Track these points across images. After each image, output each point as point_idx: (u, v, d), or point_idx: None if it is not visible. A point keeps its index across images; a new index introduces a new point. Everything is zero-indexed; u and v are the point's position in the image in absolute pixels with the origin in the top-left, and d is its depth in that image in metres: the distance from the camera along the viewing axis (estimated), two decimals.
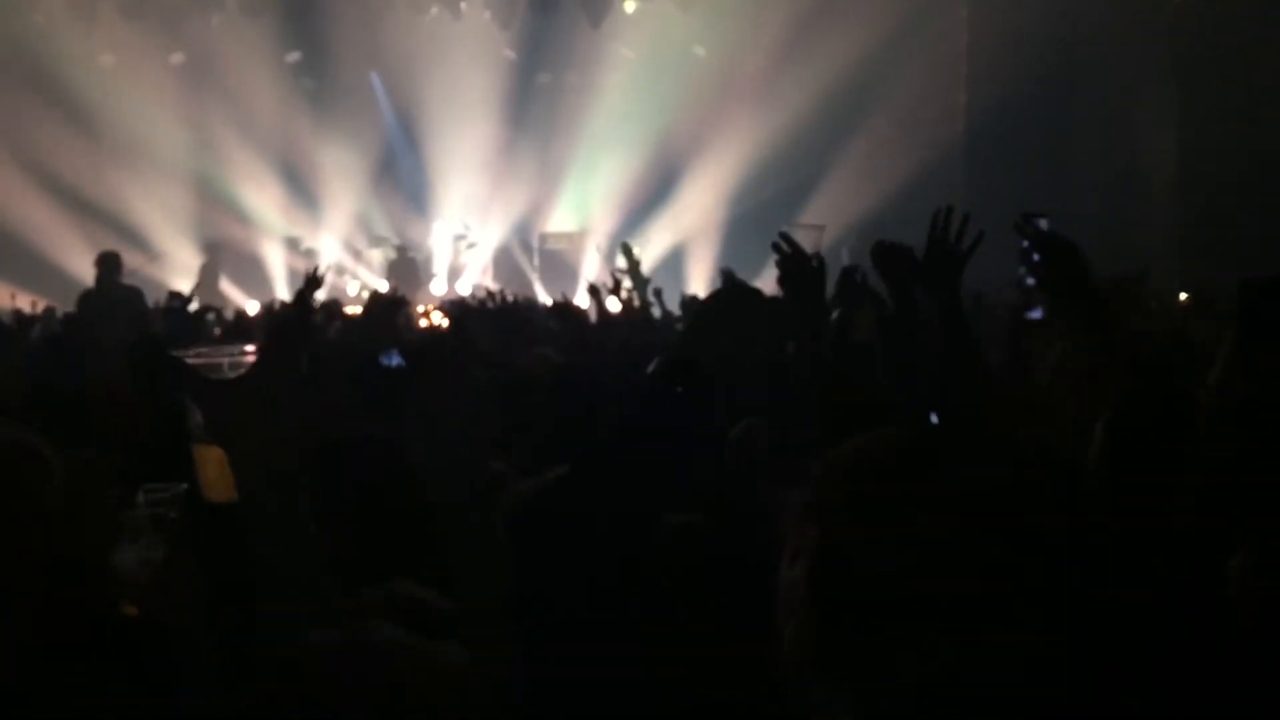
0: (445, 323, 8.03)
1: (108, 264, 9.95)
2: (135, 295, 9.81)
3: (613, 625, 1.69)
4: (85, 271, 15.41)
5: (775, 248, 3.12)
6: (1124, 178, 13.68)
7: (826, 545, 1.42)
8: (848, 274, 4.32)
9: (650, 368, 1.97)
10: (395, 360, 4.82)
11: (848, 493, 1.45)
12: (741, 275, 14.44)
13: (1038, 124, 14.23)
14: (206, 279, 10.00)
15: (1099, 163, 13.76)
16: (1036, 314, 4.74)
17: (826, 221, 13.86)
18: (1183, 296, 7.70)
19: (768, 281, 13.73)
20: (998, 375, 2.81)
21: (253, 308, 13.13)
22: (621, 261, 9.02)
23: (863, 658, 1.39)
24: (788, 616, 1.46)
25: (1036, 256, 2.99)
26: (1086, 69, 14.29)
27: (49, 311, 9.28)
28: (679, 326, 8.63)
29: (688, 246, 17.20)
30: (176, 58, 17.02)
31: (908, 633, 1.37)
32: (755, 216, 16.54)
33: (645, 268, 12.66)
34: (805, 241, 3.30)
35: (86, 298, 9.52)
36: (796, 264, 3.02)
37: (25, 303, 10.36)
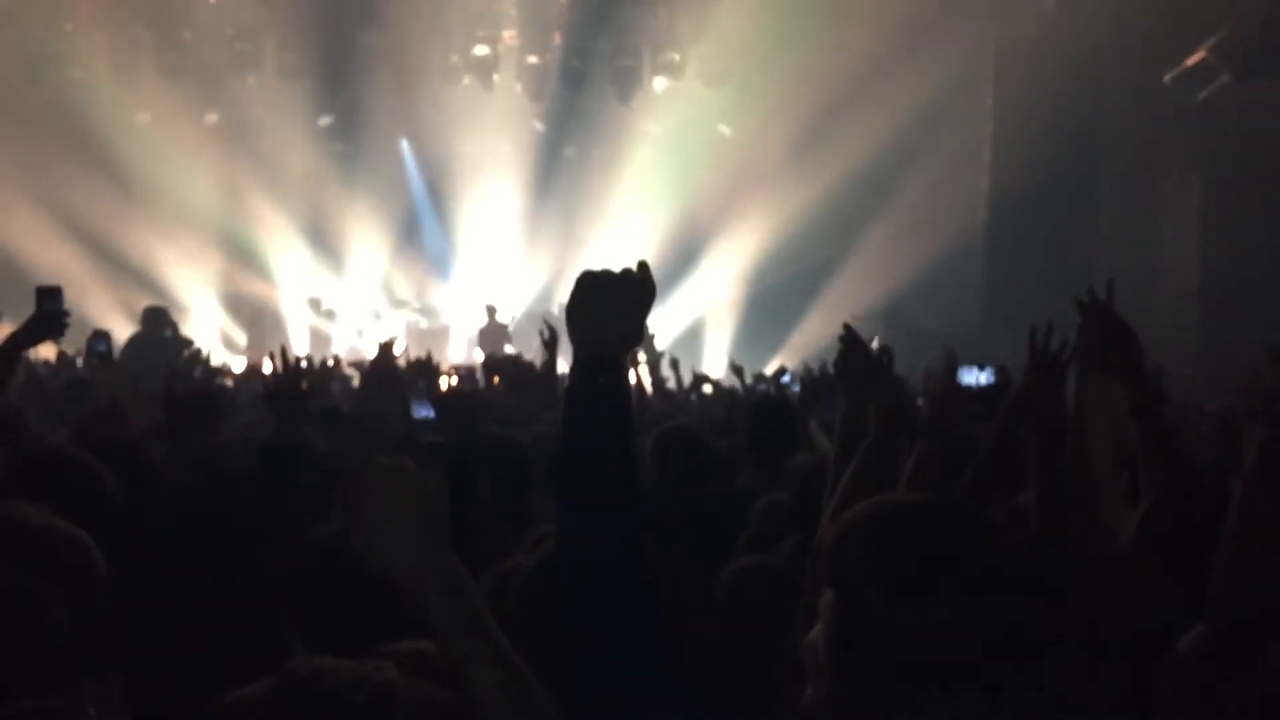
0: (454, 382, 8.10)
1: (152, 318, 9.99)
2: (180, 345, 9.90)
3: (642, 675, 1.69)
4: (109, 323, 15.63)
5: (841, 340, 3.23)
6: (1146, 268, 13.69)
7: (846, 607, 1.43)
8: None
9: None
10: (426, 412, 4.99)
11: (868, 555, 1.44)
12: (756, 354, 14.52)
13: (1060, 213, 14.27)
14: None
15: (1121, 252, 13.76)
16: None
17: (854, 306, 13.89)
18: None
19: (779, 360, 13.72)
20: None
21: (269, 365, 13.17)
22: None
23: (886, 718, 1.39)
24: (811, 678, 1.47)
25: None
26: (1109, 158, 14.37)
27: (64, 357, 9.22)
28: (693, 398, 8.67)
29: (706, 322, 17.24)
30: (211, 117, 17.30)
31: (930, 694, 1.36)
32: (774, 295, 16.62)
33: (663, 342, 12.73)
34: (866, 333, 3.35)
35: (126, 350, 9.58)
36: (859, 355, 3.05)
37: (50, 353, 10.40)
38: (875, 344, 3.14)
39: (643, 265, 1.94)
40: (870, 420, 2.91)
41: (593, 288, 1.90)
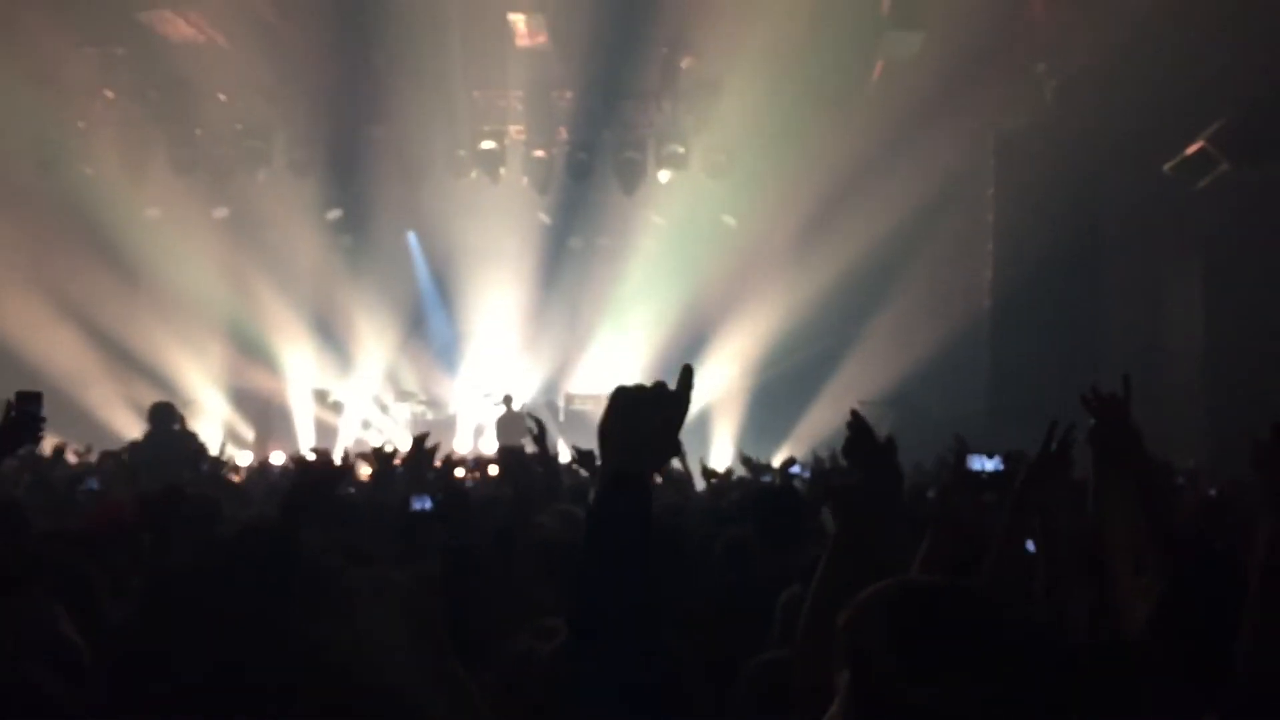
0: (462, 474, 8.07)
1: (160, 414, 10.02)
2: (188, 440, 9.91)
3: None
4: (113, 417, 15.65)
5: (849, 425, 3.20)
6: (1150, 354, 13.68)
7: (862, 685, 1.46)
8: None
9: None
10: (425, 504, 4.94)
11: (883, 634, 1.48)
12: (763, 443, 14.47)
13: (1064, 299, 14.32)
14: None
15: (1125, 339, 13.78)
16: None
17: (859, 394, 13.90)
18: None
19: (788, 450, 13.65)
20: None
21: (278, 457, 13.16)
22: None
23: None
24: None
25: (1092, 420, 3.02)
26: (1112, 245, 14.45)
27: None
28: (701, 488, 8.63)
29: (712, 411, 17.22)
30: (220, 212, 17.51)
31: None
32: (780, 384, 16.61)
33: None
34: (873, 418, 3.35)
35: (136, 447, 9.60)
36: (865, 439, 3.07)
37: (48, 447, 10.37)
38: (885, 433, 3.12)
39: (687, 371, 1.92)
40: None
41: (628, 406, 1.86)
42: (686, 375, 1.91)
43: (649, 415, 1.85)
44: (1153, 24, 11.25)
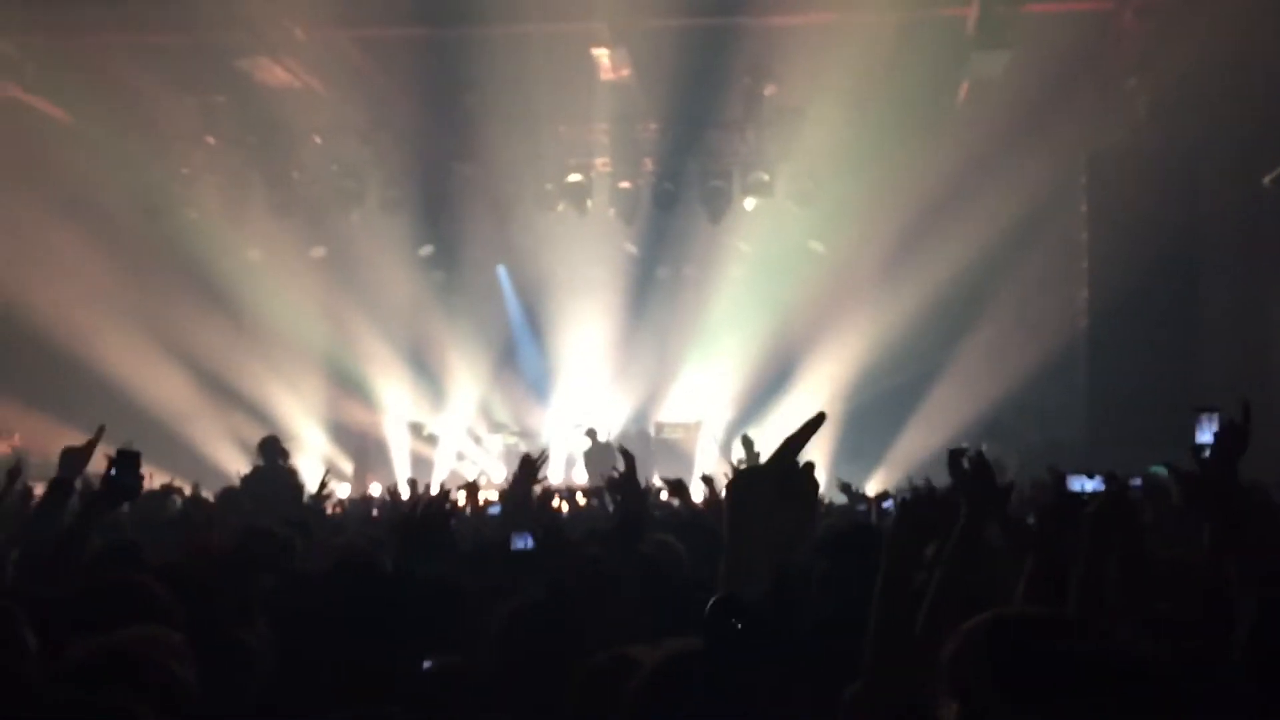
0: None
1: (268, 448, 10.40)
2: (292, 475, 10.24)
3: None
4: (217, 452, 16.11)
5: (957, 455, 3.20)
6: (1255, 374, 13.26)
7: (973, 716, 1.50)
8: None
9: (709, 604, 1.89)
10: (527, 542, 4.95)
11: (988, 665, 1.52)
12: (855, 469, 14.30)
13: (1161, 319, 13.95)
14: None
15: (1226, 359, 13.38)
16: None
17: (952, 420, 13.74)
18: None
19: (881, 475, 13.49)
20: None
21: (376, 489, 13.41)
22: (742, 453, 9.03)
23: None
24: None
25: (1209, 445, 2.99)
26: (1209, 263, 14.04)
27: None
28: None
29: None
30: (318, 251, 17.97)
31: None
32: (872, 410, 16.44)
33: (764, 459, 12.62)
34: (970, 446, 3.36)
35: (247, 480, 9.95)
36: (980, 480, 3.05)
37: (157, 482, 10.73)
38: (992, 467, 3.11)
39: (819, 418, 1.70)
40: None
41: (749, 497, 1.64)
42: (748, 445, 1.84)
43: (774, 507, 1.61)
44: (1247, 33, 10.99)
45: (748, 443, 8.76)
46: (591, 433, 16.60)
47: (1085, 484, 4.87)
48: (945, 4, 12.74)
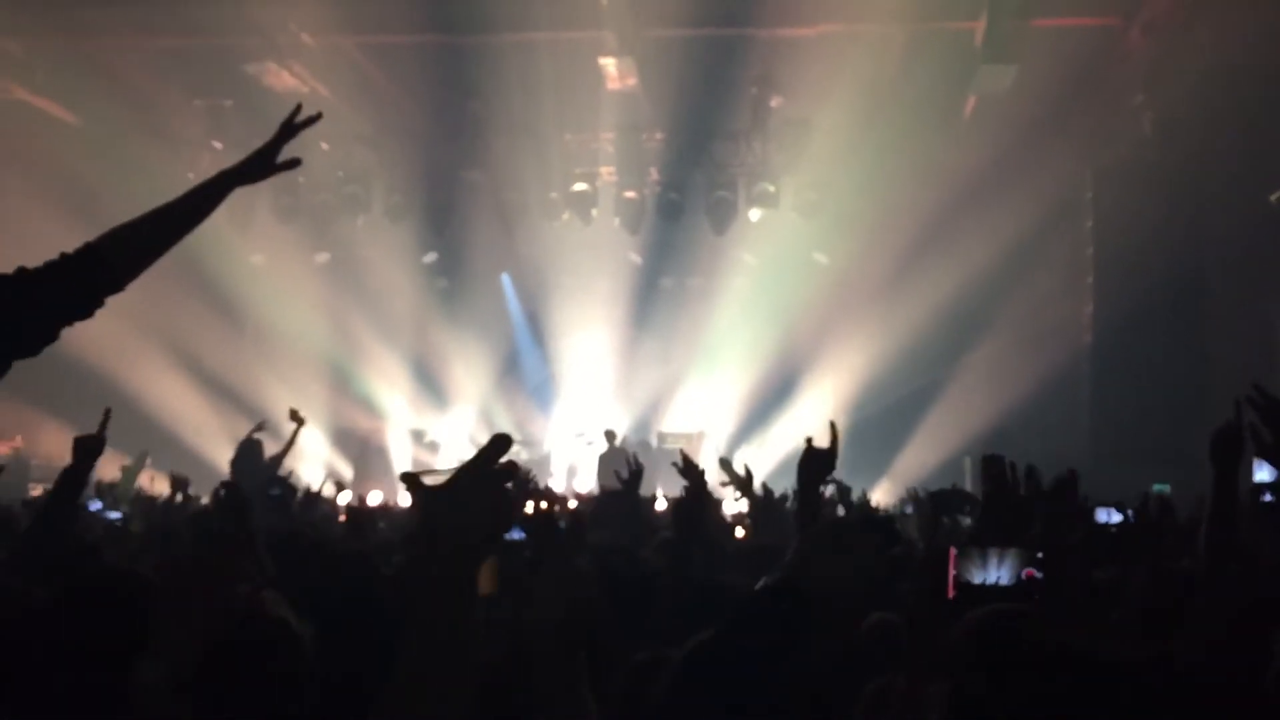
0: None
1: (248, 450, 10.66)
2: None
3: None
4: (219, 455, 16.09)
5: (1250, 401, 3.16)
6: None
7: (959, 693, 1.65)
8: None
9: (759, 584, 2.00)
10: (518, 533, 4.99)
11: (976, 650, 1.68)
12: (858, 482, 14.29)
13: (1167, 333, 13.94)
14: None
15: (1231, 374, 13.34)
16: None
17: (956, 433, 13.72)
18: None
19: (885, 488, 13.44)
20: None
21: (376, 496, 13.38)
22: (724, 475, 8.97)
23: None
24: None
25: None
26: (1214, 278, 14.04)
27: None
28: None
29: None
30: (322, 257, 17.97)
31: None
32: (876, 423, 16.41)
33: (764, 471, 12.59)
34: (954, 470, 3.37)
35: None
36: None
37: (163, 485, 10.74)
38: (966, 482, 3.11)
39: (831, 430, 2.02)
40: None
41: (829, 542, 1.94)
42: (725, 466, 1.99)
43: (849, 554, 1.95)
44: (1253, 50, 10.99)
45: (725, 464, 8.69)
46: (609, 434, 16.53)
47: (1111, 515, 4.90)
48: (953, 17, 12.74)
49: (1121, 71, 13.44)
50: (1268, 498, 4.46)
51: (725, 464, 8.67)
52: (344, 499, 14.16)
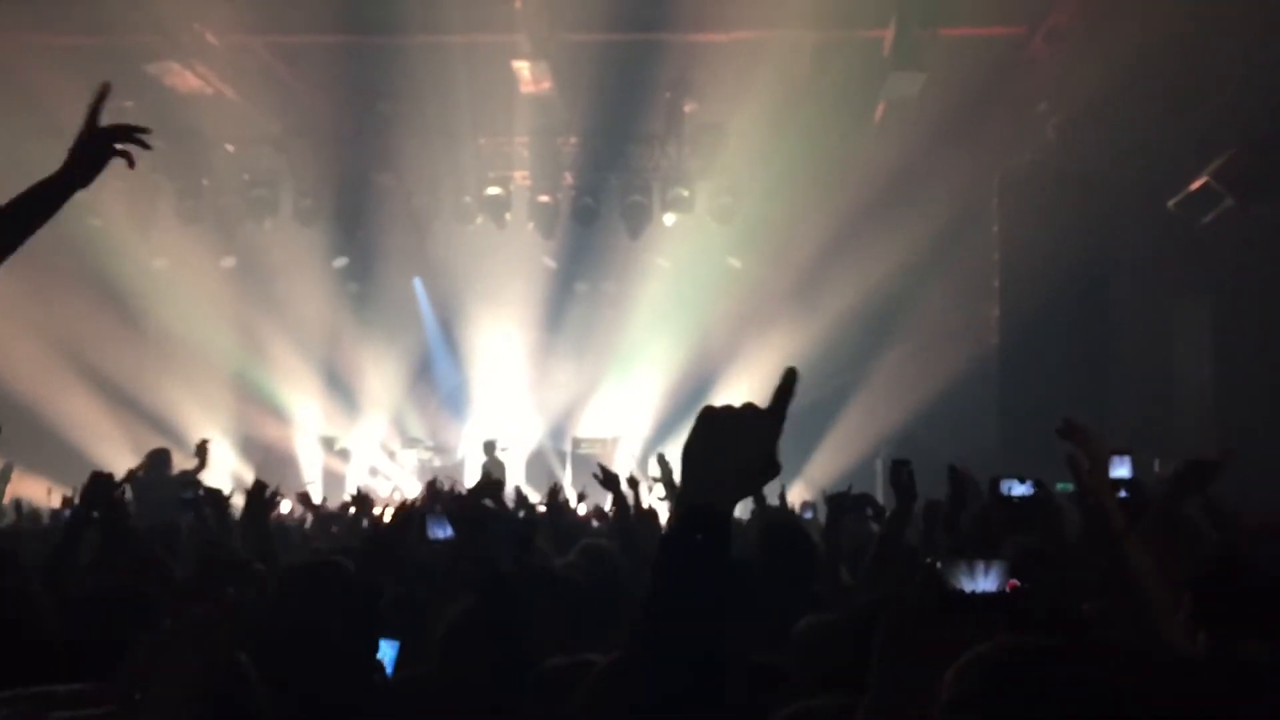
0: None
1: (157, 459, 10.32)
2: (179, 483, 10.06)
3: None
4: (119, 465, 15.60)
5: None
6: (1161, 390, 13.62)
7: None
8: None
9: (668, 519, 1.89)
10: (445, 530, 4.98)
11: (979, 692, 1.56)
12: (770, 485, 14.44)
13: (1072, 337, 14.28)
14: None
15: (1135, 375, 13.74)
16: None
17: (867, 435, 13.90)
18: None
19: (797, 490, 13.53)
20: None
21: (285, 505, 13.08)
22: (658, 470, 8.99)
23: None
24: None
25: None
26: (1118, 282, 14.43)
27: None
28: None
29: None
30: (228, 262, 17.58)
31: None
32: (787, 426, 16.51)
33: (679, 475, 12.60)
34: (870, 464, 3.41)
35: (135, 483, 9.74)
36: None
37: (58, 498, 10.41)
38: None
39: (790, 374, 1.77)
40: None
41: (714, 430, 1.74)
42: (788, 380, 1.77)
43: (737, 442, 1.72)
44: (1154, 60, 11.29)
45: (663, 461, 8.71)
46: (489, 445, 16.41)
47: (1016, 488, 5.05)
48: (863, 25, 12.89)
49: (1026, 79, 13.72)
50: (1123, 494, 4.57)
51: (663, 461, 8.68)
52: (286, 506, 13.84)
